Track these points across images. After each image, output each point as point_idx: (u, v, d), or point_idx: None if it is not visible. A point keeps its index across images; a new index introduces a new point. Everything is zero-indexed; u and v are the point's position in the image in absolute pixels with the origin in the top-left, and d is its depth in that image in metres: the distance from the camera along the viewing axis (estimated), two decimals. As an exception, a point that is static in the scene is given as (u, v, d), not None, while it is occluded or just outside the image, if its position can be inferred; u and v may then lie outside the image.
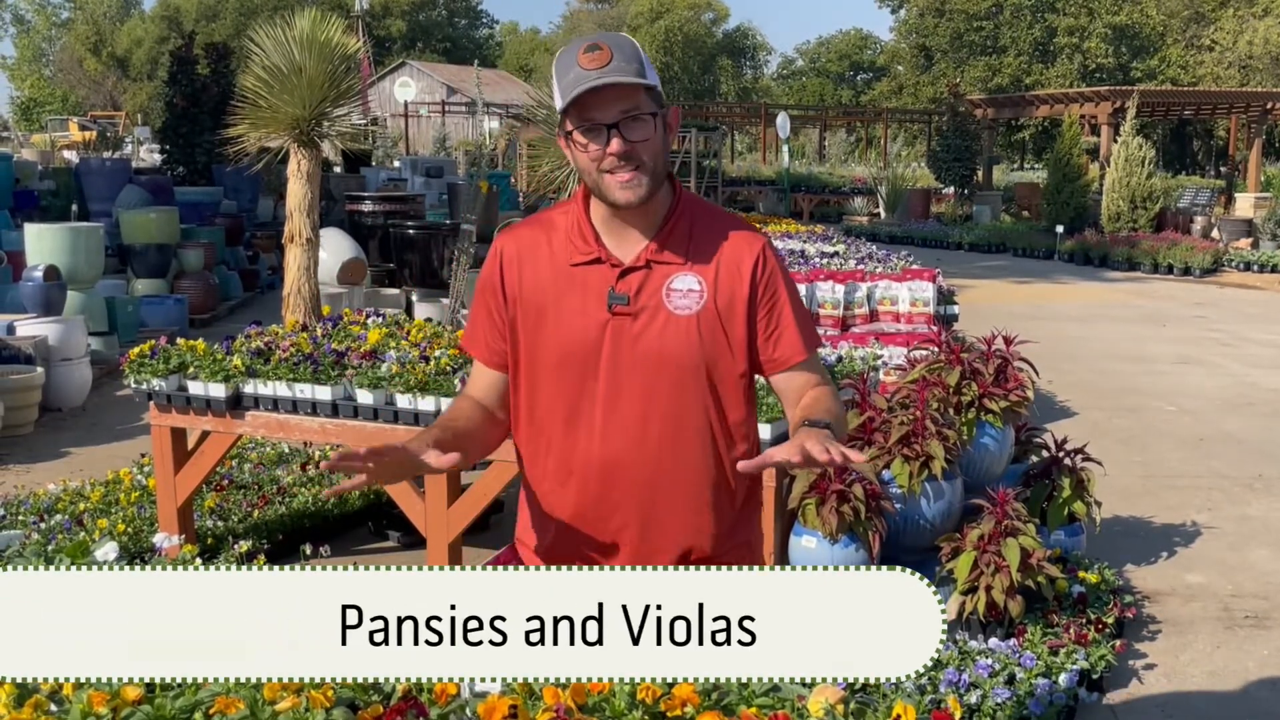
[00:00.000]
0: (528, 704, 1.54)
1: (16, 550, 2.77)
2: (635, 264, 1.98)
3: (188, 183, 15.73)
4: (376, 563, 5.16)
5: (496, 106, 35.35)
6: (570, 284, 2.00)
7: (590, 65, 1.86)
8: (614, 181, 1.91)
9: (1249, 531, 5.75)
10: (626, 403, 1.97)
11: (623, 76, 1.86)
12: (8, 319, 8.26)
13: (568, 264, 2.01)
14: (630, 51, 1.90)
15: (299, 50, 6.53)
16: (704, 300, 1.98)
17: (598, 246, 1.99)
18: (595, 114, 1.88)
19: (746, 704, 1.61)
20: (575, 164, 1.97)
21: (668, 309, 1.97)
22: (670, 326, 1.97)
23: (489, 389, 2.10)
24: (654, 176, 1.93)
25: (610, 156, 1.89)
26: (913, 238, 21.48)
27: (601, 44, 1.88)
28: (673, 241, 2.00)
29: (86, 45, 56.96)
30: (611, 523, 2.02)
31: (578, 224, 2.02)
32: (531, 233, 2.07)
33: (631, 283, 1.98)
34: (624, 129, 1.89)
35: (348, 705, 1.60)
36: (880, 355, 5.58)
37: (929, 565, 4.12)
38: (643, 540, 2.02)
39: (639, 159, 1.90)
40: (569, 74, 1.88)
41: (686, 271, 1.99)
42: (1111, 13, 44.22)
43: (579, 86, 1.86)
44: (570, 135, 1.93)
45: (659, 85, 1.95)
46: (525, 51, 65.17)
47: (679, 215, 2.02)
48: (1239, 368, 10.13)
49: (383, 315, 5.37)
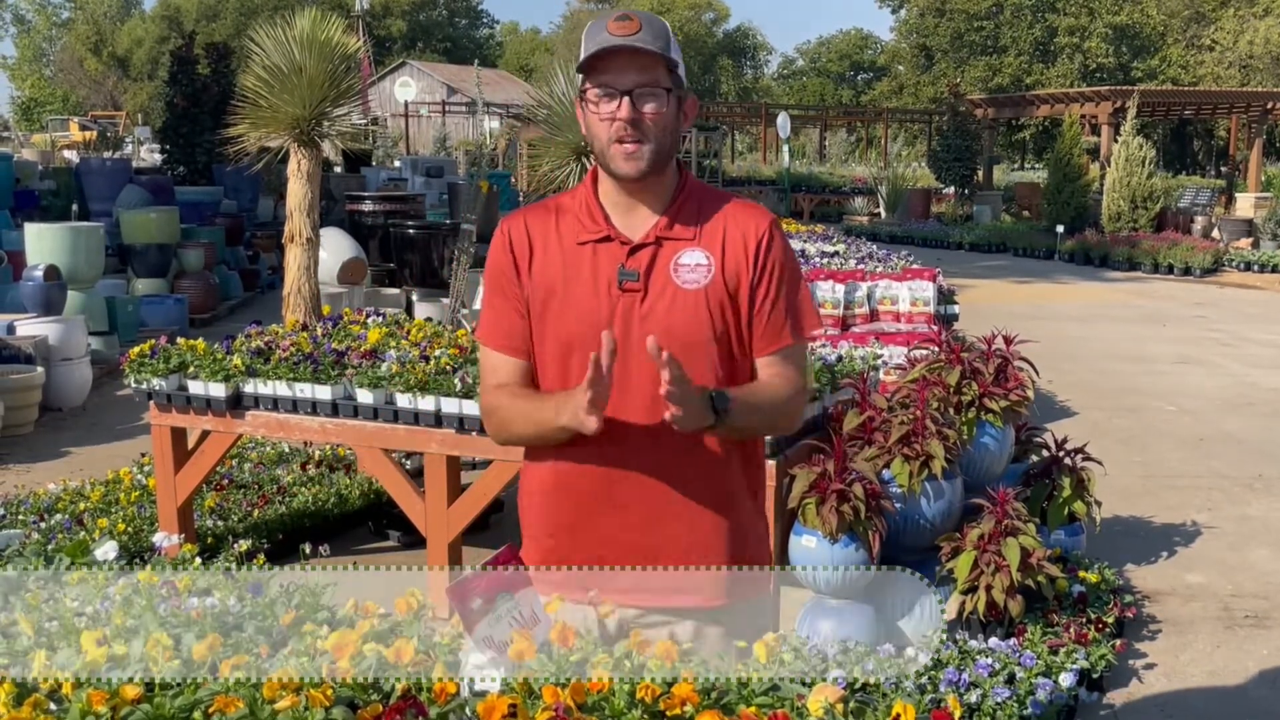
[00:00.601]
0: (527, 703, 1.54)
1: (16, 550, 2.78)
2: (645, 240, 1.98)
3: (188, 182, 15.74)
4: (376, 562, 5.17)
5: (497, 106, 35.35)
6: (579, 263, 2.00)
7: (618, 31, 1.89)
8: (619, 151, 1.92)
9: (1249, 531, 5.75)
10: (636, 380, 1.96)
11: (646, 44, 1.88)
12: (8, 319, 8.26)
13: (575, 243, 2.00)
14: (659, 29, 1.92)
15: (299, 50, 6.53)
16: (712, 275, 1.98)
17: (606, 225, 2.00)
18: (612, 79, 1.90)
19: (746, 703, 1.61)
20: (586, 128, 1.98)
21: (676, 284, 1.97)
22: (679, 301, 1.97)
23: (523, 375, 2.05)
24: (658, 152, 1.94)
25: (619, 122, 1.90)
26: (913, 237, 21.48)
27: (633, 16, 1.92)
28: (682, 218, 2.00)
29: (87, 45, 56.94)
30: (621, 499, 2.00)
31: (586, 204, 2.02)
32: (538, 215, 2.06)
33: (641, 259, 1.98)
34: (637, 98, 1.90)
35: (347, 704, 1.59)
36: (880, 355, 5.57)
37: (929, 565, 4.12)
38: (653, 516, 2.01)
39: (646, 130, 1.91)
40: (596, 36, 1.91)
41: (695, 247, 1.99)
42: (1112, 12, 44.21)
43: (600, 45, 1.88)
44: (584, 94, 1.94)
45: (681, 68, 1.95)
46: (525, 51, 65.17)
47: (687, 194, 2.03)
48: (1239, 368, 10.13)
49: (383, 315, 5.37)
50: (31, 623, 2.05)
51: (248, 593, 2.25)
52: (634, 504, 2.01)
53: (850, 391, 4.39)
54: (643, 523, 2.02)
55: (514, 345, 2.06)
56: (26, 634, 2.04)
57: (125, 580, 2.35)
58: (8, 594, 2.36)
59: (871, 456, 4.05)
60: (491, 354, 2.08)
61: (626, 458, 1.99)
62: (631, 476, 2.00)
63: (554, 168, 6.68)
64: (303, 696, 1.56)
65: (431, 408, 4.28)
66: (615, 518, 2.02)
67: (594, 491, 2.02)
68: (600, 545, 2.02)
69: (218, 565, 2.62)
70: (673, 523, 2.02)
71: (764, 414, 2.01)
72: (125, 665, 1.76)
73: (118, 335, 9.70)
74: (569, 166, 6.61)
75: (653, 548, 2.02)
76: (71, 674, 1.70)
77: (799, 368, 2.07)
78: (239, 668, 1.67)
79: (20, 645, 2.01)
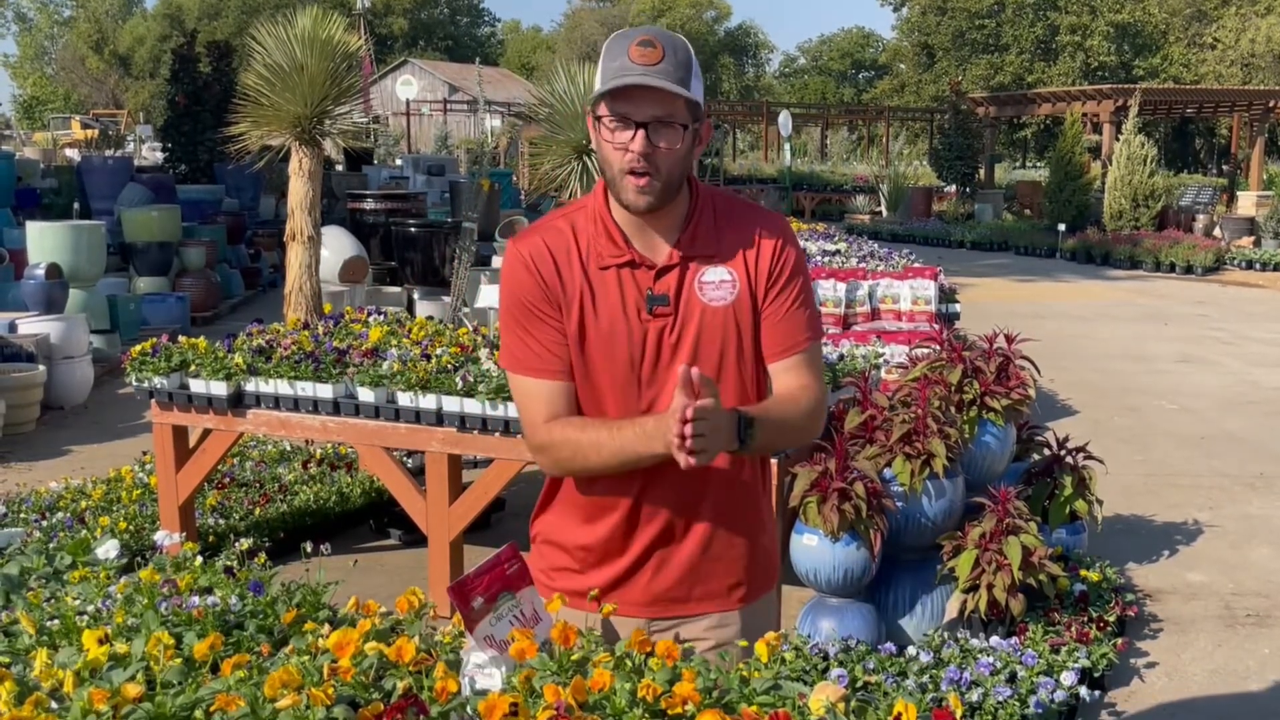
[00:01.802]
0: (528, 701, 1.54)
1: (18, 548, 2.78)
2: (668, 263, 1.96)
3: (189, 181, 15.74)
4: (378, 561, 5.16)
5: (498, 105, 35.34)
6: (604, 288, 1.96)
7: (640, 60, 1.83)
8: (631, 183, 1.88)
9: (1250, 530, 5.75)
10: (668, 399, 1.93)
11: (666, 83, 1.82)
12: (10, 317, 8.26)
13: (598, 267, 1.96)
14: (683, 57, 1.86)
15: (301, 48, 6.53)
16: (737, 290, 1.97)
17: (628, 248, 1.96)
18: (629, 109, 1.85)
19: (747, 702, 1.61)
20: (597, 150, 1.94)
21: (703, 302, 1.96)
22: (708, 319, 1.96)
23: (574, 399, 1.98)
24: (667, 186, 1.90)
25: (631, 155, 1.86)
26: (915, 236, 21.48)
27: (657, 41, 1.85)
28: (701, 235, 1.98)
29: (89, 43, 56.94)
30: (657, 513, 2.00)
31: (603, 225, 1.97)
32: (555, 235, 2.00)
33: (668, 282, 1.96)
34: (652, 132, 1.85)
35: (348, 703, 1.59)
36: (882, 353, 5.56)
37: (930, 563, 4.12)
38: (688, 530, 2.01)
39: (658, 165, 1.87)
40: (616, 61, 1.85)
41: (717, 264, 1.97)
42: (1114, 11, 44.16)
43: (620, 79, 1.83)
44: (600, 120, 1.89)
45: (701, 98, 1.90)
46: (527, 50, 65.15)
47: (701, 209, 2.00)
48: (1241, 366, 10.13)
49: (384, 313, 5.37)
50: (33, 621, 2.06)
51: (249, 591, 2.25)
52: (658, 521, 2.01)
53: (852, 390, 4.38)
54: (678, 539, 2.02)
55: (555, 368, 1.97)
56: (28, 632, 2.04)
57: (127, 579, 2.36)
58: (9, 592, 2.37)
59: (873, 455, 4.04)
60: (531, 383, 1.97)
61: (657, 478, 1.97)
62: (666, 493, 1.99)
63: (555, 166, 6.67)
64: (304, 695, 1.56)
65: (433, 406, 4.28)
66: (652, 538, 2.02)
67: (621, 509, 2.01)
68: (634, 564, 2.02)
69: (218, 563, 2.62)
70: (696, 537, 2.03)
71: (788, 431, 1.99)
72: (127, 664, 1.77)
73: (119, 333, 9.71)
74: (570, 165, 6.60)
75: (679, 539, 2.02)
76: (73, 672, 1.70)
77: (817, 373, 2.04)
78: (240, 666, 1.67)
79: (22, 643, 2.01)
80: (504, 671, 1.65)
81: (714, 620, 2.07)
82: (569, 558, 2.08)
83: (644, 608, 2.04)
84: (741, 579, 2.08)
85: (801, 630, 3.96)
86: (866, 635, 3.88)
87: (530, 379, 1.97)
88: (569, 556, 2.08)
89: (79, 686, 1.67)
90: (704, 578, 2.05)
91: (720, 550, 2.05)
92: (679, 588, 2.04)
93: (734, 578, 2.07)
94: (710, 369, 1.94)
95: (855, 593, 3.98)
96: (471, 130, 37.01)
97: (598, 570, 2.04)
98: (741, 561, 2.08)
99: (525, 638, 1.66)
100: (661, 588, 2.03)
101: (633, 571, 2.03)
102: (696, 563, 2.03)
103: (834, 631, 3.86)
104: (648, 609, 2.04)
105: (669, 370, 1.95)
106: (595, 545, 2.04)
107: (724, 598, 2.07)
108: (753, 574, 2.10)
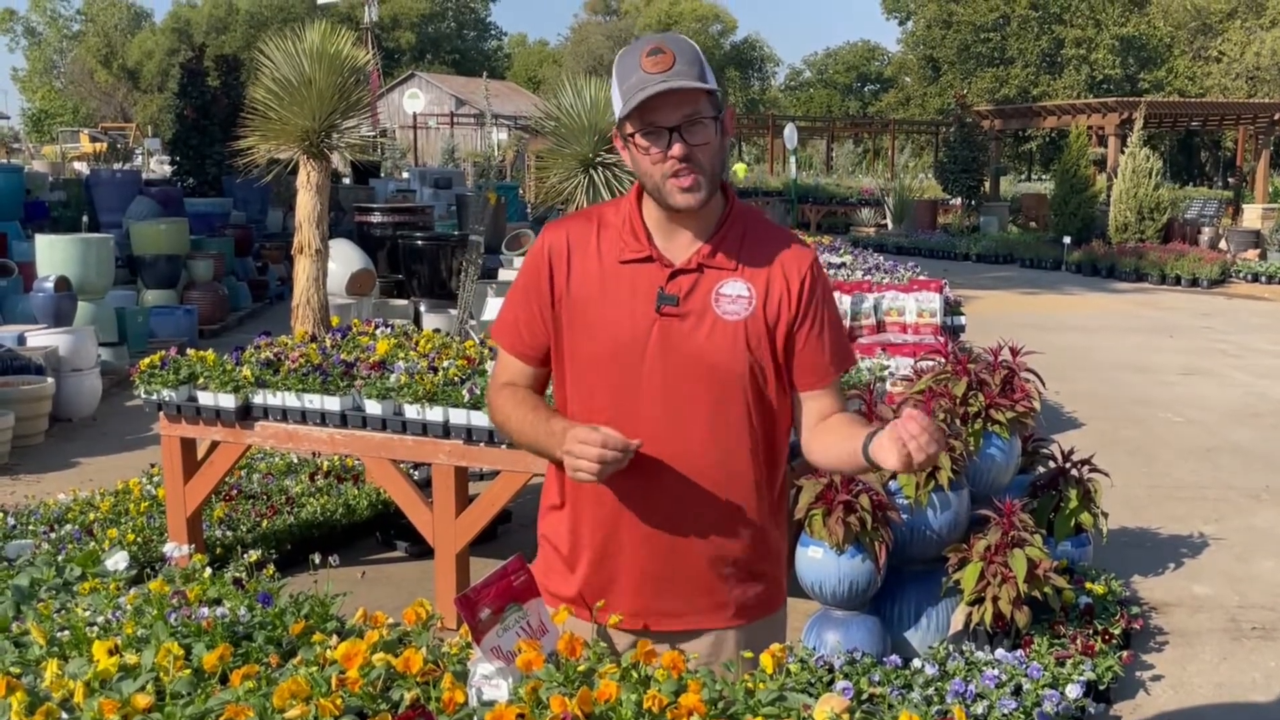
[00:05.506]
0: (535, 712, 1.55)
1: (27, 560, 2.80)
2: (686, 266, 1.98)
3: (197, 194, 15.80)
4: (385, 573, 5.17)
5: (505, 118, 35.43)
6: (618, 281, 1.99)
7: (653, 69, 1.86)
8: (675, 186, 1.91)
9: (1256, 542, 5.74)
10: (668, 404, 1.97)
11: (686, 81, 1.86)
12: (18, 329, 8.30)
13: (617, 260, 2.00)
14: (691, 54, 1.90)
15: (309, 62, 6.56)
16: (752, 307, 1.98)
17: (649, 245, 1.99)
18: (657, 118, 1.88)
19: (752, 713, 1.61)
20: (635, 167, 1.97)
21: (716, 313, 1.97)
22: (718, 331, 1.97)
23: (530, 380, 2.11)
24: (711, 180, 1.94)
25: (672, 160, 1.89)
26: (920, 248, 21.47)
27: (664, 47, 1.88)
28: (725, 246, 1.99)
29: (97, 57, 57.25)
30: (649, 521, 2.00)
31: (629, 221, 2.01)
32: (581, 227, 2.05)
33: (682, 284, 1.97)
34: (685, 133, 1.89)
35: (356, 713, 1.61)
36: (887, 366, 5.58)
37: (935, 576, 4.12)
38: (677, 540, 2.01)
39: (699, 163, 1.90)
40: (631, 77, 1.88)
41: (737, 278, 1.98)
42: (1119, 24, 44.19)
43: (644, 91, 1.86)
44: (631, 138, 1.92)
45: (718, 89, 1.94)
46: (533, 63, 65.36)
47: (732, 221, 2.01)
48: (1246, 378, 10.11)
49: (391, 326, 5.39)
50: (43, 632, 2.07)
51: (258, 602, 2.27)
52: (661, 530, 2.01)
53: (857, 403, 4.39)
54: (668, 549, 2.02)
55: (522, 350, 2.09)
56: (39, 643, 2.05)
57: (136, 590, 2.37)
58: (20, 603, 2.38)
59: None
60: (501, 350, 2.12)
61: (657, 477, 1.98)
62: (659, 502, 2.00)
63: (562, 179, 6.69)
64: (312, 706, 1.57)
65: (440, 418, 4.29)
66: (642, 545, 2.02)
67: (621, 517, 2.01)
68: (633, 547, 2.02)
69: (227, 575, 2.64)
70: (699, 548, 2.02)
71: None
72: (137, 674, 1.78)
73: (127, 346, 9.74)
74: (577, 178, 6.62)
75: (682, 552, 2.02)
76: (83, 683, 1.71)
77: (844, 401, 2.12)
78: (249, 677, 1.69)
79: (32, 654, 2.03)
80: (511, 682, 1.66)
81: (711, 638, 2.07)
82: (557, 556, 2.10)
83: (633, 618, 2.03)
84: (740, 598, 2.07)
85: (806, 642, 3.96)
86: (871, 647, 3.88)
87: (499, 346, 2.14)
88: (558, 555, 2.10)
89: (89, 697, 1.68)
90: (698, 592, 2.04)
91: (716, 565, 2.04)
92: (669, 601, 2.03)
93: (731, 595, 2.06)
94: (714, 379, 1.96)
95: (860, 605, 3.98)
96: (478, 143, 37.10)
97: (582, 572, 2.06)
98: (738, 579, 2.07)
99: (532, 649, 1.67)
100: (652, 599, 2.03)
101: (621, 578, 2.03)
102: (691, 576, 2.03)
103: (839, 644, 3.87)
104: (636, 619, 2.03)
105: (673, 372, 1.96)
106: (583, 547, 2.05)
107: (717, 614, 2.06)
108: (751, 594, 2.09)
